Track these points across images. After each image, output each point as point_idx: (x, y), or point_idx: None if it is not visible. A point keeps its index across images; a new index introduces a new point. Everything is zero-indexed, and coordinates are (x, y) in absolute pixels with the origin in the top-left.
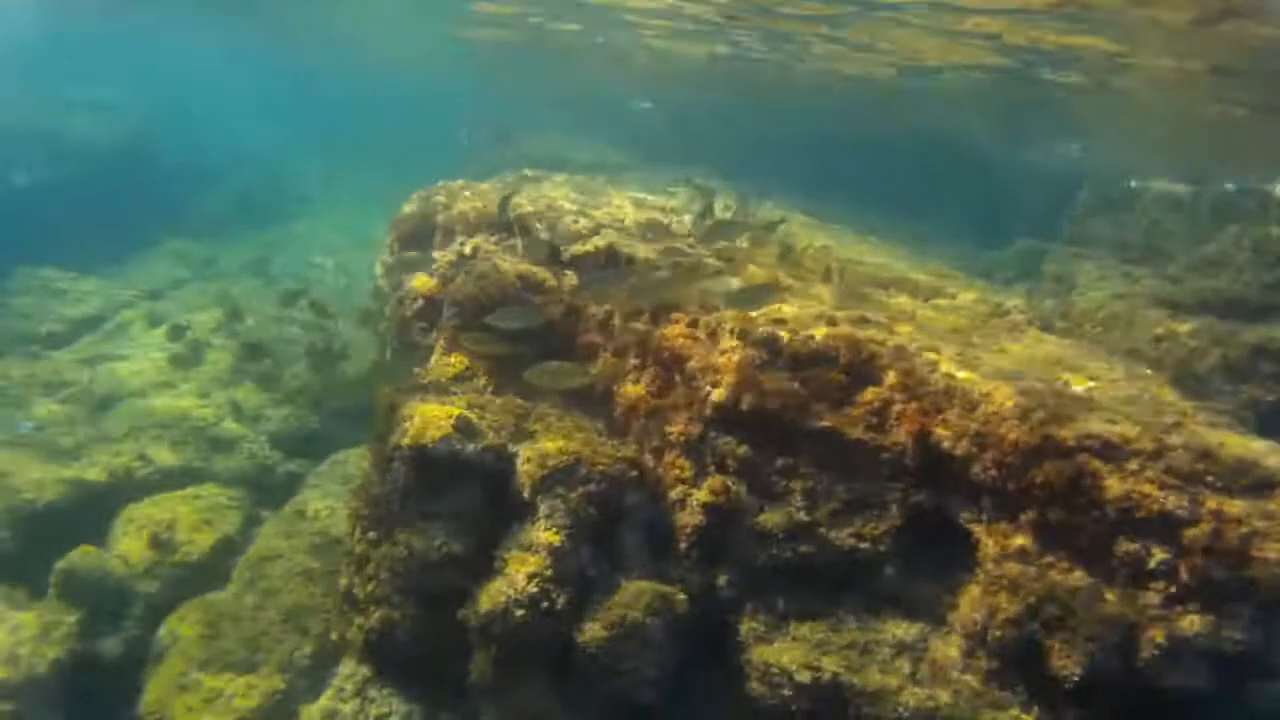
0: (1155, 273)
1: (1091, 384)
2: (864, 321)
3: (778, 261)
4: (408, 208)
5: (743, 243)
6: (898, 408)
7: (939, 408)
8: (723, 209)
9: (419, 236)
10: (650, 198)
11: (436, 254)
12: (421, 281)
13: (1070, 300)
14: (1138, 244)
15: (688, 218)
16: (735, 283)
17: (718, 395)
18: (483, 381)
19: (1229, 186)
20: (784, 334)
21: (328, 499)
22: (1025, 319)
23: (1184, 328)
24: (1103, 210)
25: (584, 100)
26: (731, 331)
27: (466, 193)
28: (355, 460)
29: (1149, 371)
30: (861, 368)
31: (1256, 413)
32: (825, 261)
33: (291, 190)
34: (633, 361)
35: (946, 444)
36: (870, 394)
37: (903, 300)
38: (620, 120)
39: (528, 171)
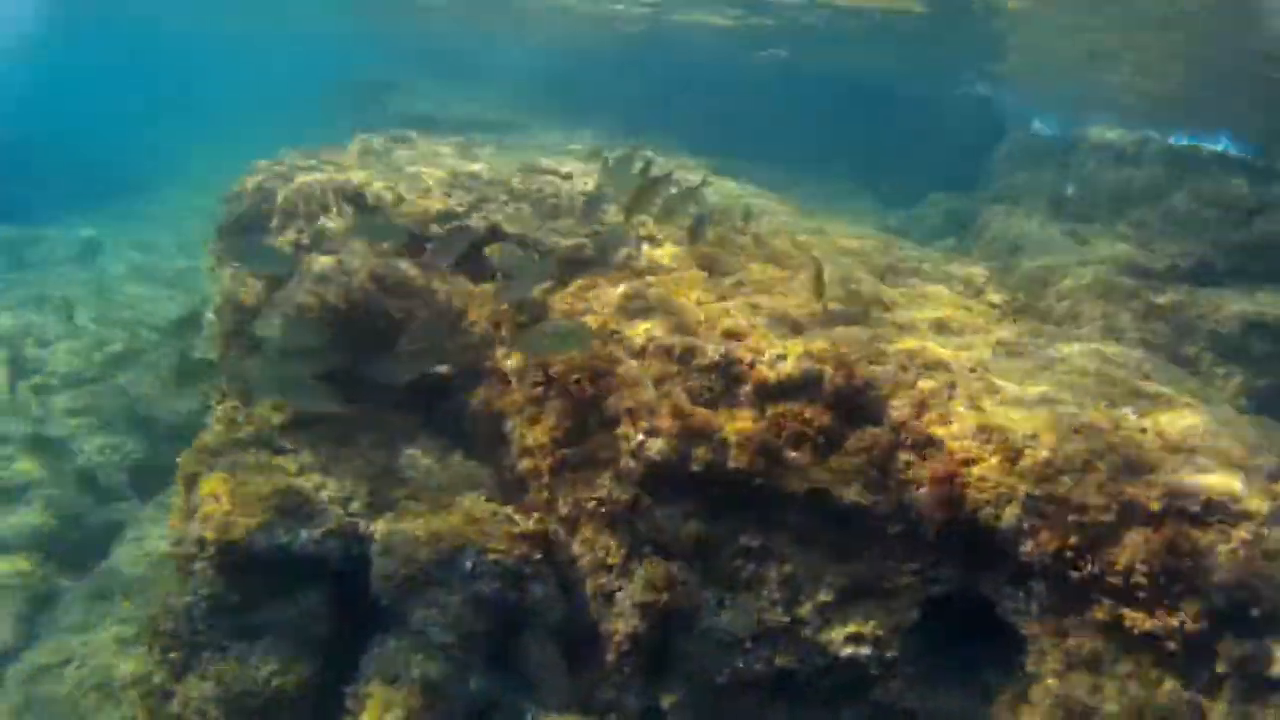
0: (1106, 232)
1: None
2: (846, 326)
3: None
4: (248, 181)
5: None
6: (907, 456)
7: (969, 456)
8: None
9: (260, 219)
10: (544, 161)
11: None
12: (238, 285)
13: (1019, 267)
14: (1074, 199)
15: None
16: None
17: (655, 448)
18: (325, 427)
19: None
20: (743, 353)
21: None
22: (1005, 303)
23: (1163, 300)
24: (1026, 161)
25: (460, 51)
26: (669, 352)
27: (313, 161)
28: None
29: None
30: (855, 398)
31: (1253, 398)
32: (776, 239)
33: (140, 163)
34: (531, 389)
35: (985, 510)
36: (870, 437)
37: (861, 281)
38: (500, 73)
39: (411, 132)
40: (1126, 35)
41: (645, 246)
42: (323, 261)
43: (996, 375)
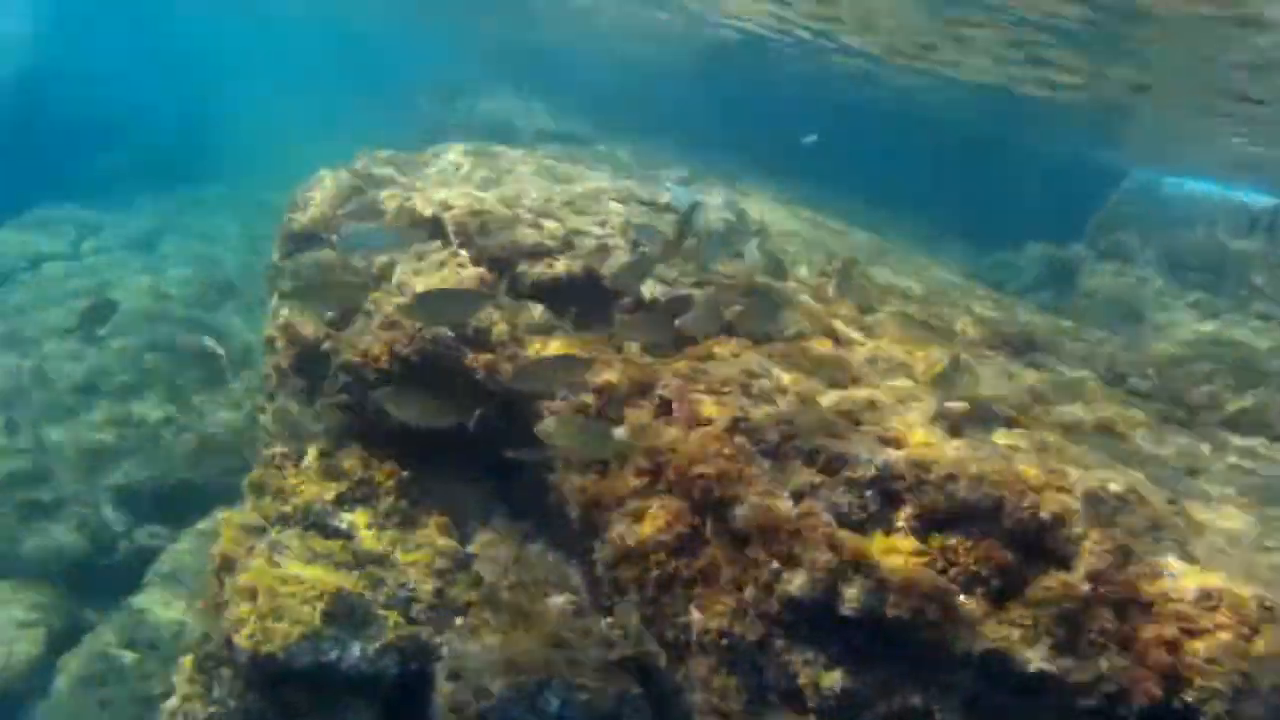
0: (1239, 307)
1: None
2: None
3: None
4: (315, 191)
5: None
6: (1105, 615)
7: (1190, 625)
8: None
9: (324, 235)
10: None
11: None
12: (293, 317)
13: (1149, 342)
14: (1197, 265)
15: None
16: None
17: (795, 585)
18: (389, 501)
19: None
20: (903, 467)
21: (174, 605)
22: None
23: None
24: (1134, 218)
25: (535, 57)
26: (812, 458)
27: (389, 169)
28: None
29: None
30: (1041, 534)
31: None
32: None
33: (214, 149)
34: (635, 477)
35: (1213, 704)
36: (1059, 586)
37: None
38: (574, 83)
39: (495, 146)
40: None
41: None
42: (394, 302)
43: (1198, 507)
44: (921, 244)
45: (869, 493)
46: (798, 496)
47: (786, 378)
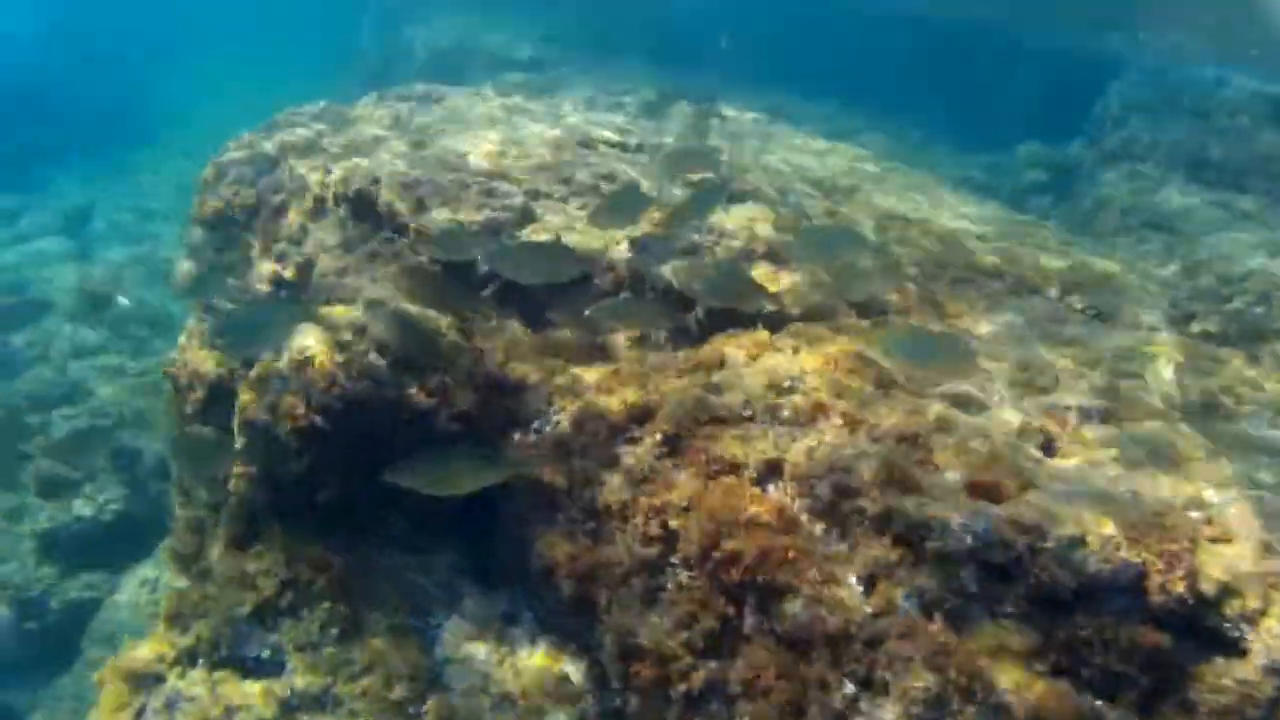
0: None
1: None
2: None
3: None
4: (225, 161)
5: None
6: None
7: None
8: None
9: (238, 223)
10: (597, 129)
11: (258, 258)
12: (199, 356)
13: (1200, 266)
14: (1219, 162)
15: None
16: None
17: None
18: (324, 607)
19: None
20: (1009, 532)
21: None
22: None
23: None
24: (1147, 110)
25: None
26: (882, 524)
27: (315, 131)
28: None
29: None
30: (1198, 613)
31: None
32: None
33: (150, 107)
34: (643, 545)
35: None
36: (1234, 681)
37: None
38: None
39: (441, 89)
40: None
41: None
42: (304, 345)
43: None
44: (909, 151)
45: (965, 572)
46: (869, 582)
47: (824, 391)
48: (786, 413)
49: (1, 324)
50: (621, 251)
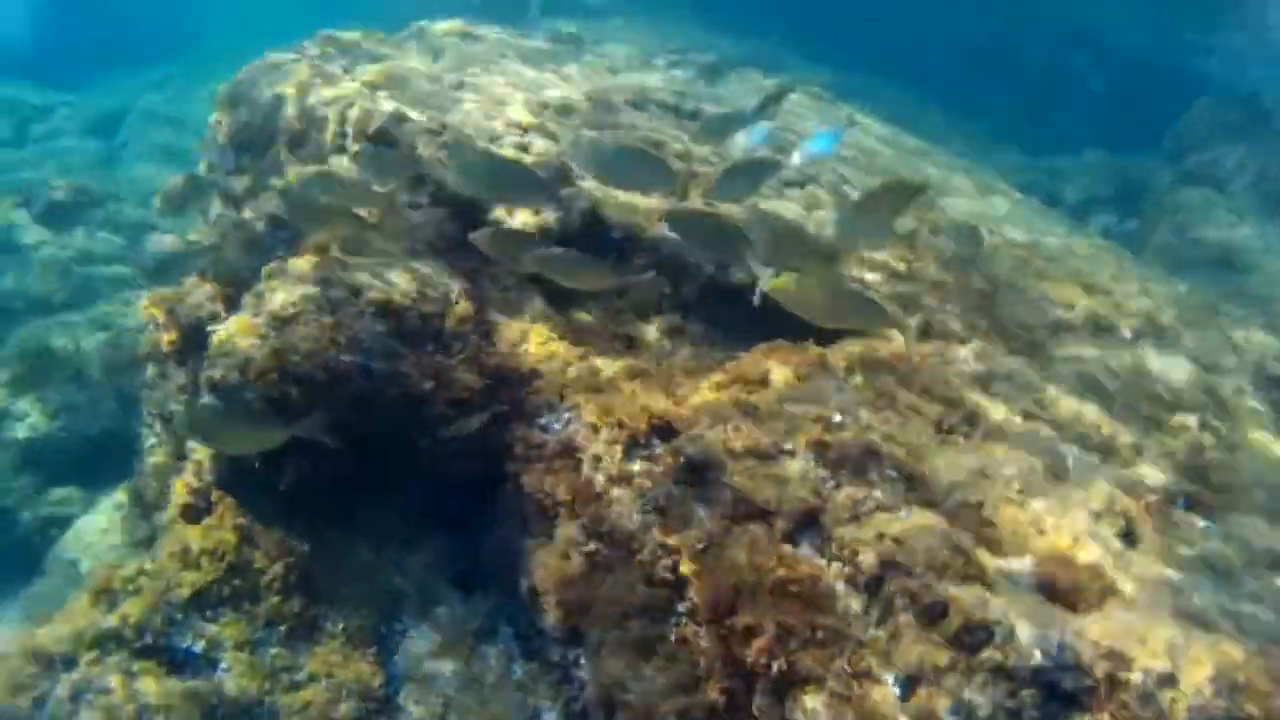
0: None
1: None
2: None
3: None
4: (249, 76)
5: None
6: None
7: None
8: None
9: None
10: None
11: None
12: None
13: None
14: None
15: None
16: None
17: None
18: (273, 601)
19: None
20: (1090, 658)
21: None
22: None
23: None
24: (1231, 130)
25: None
26: (934, 614)
27: (346, 59)
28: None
29: None
30: None
31: None
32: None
33: (193, 17)
34: (644, 585)
35: None
36: None
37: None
38: None
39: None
40: None
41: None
42: (287, 299)
43: None
44: (967, 147)
45: (1026, 693)
46: (908, 684)
47: (878, 432)
48: (833, 454)
49: None
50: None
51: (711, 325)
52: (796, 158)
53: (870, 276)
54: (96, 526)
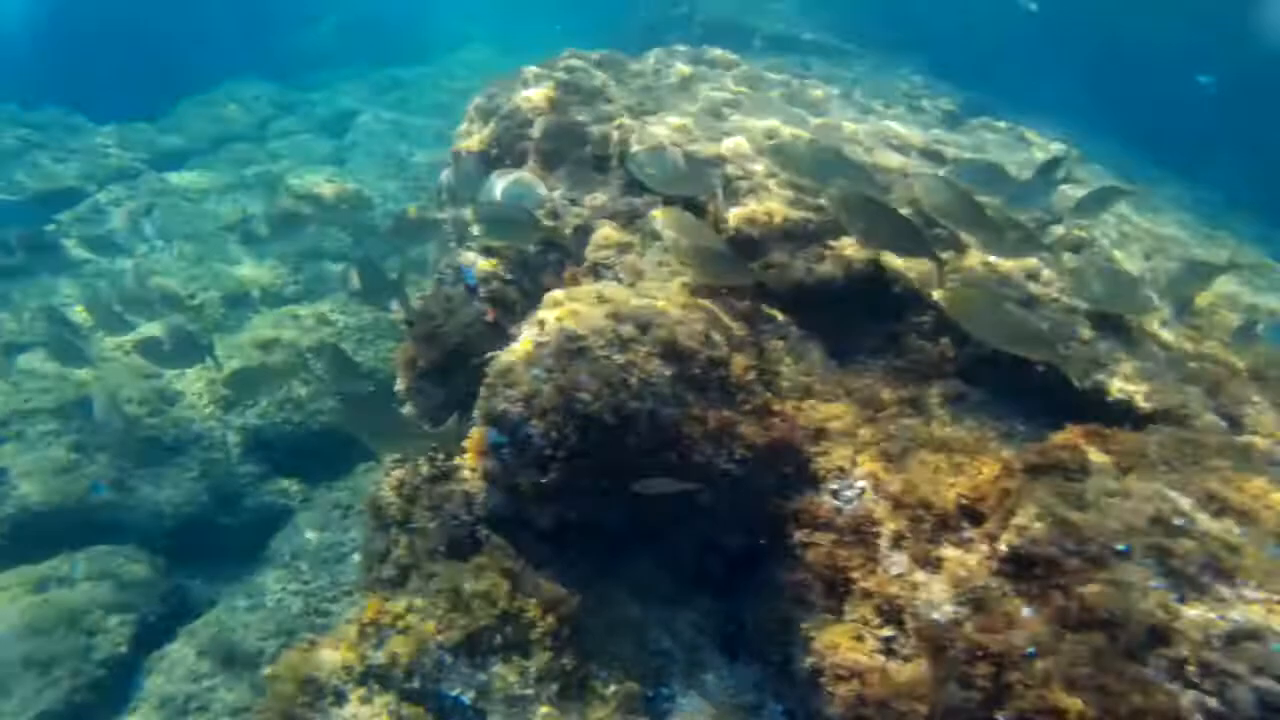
0: None
1: None
2: None
3: None
4: (499, 90)
5: None
6: None
7: None
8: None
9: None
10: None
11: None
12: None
13: None
14: None
15: None
16: None
17: None
18: (544, 656)
19: None
20: None
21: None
22: None
23: None
24: None
25: None
26: None
27: (599, 80)
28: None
29: None
30: None
31: None
32: None
33: (426, 26)
34: (961, 688)
35: None
36: None
37: None
38: None
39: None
40: None
41: None
42: (568, 328)
43: None
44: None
45: None
46: None
47: (1219, 535)
48: (1177, 562)
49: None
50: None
51: (994, 396)
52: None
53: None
54: (314, 524)
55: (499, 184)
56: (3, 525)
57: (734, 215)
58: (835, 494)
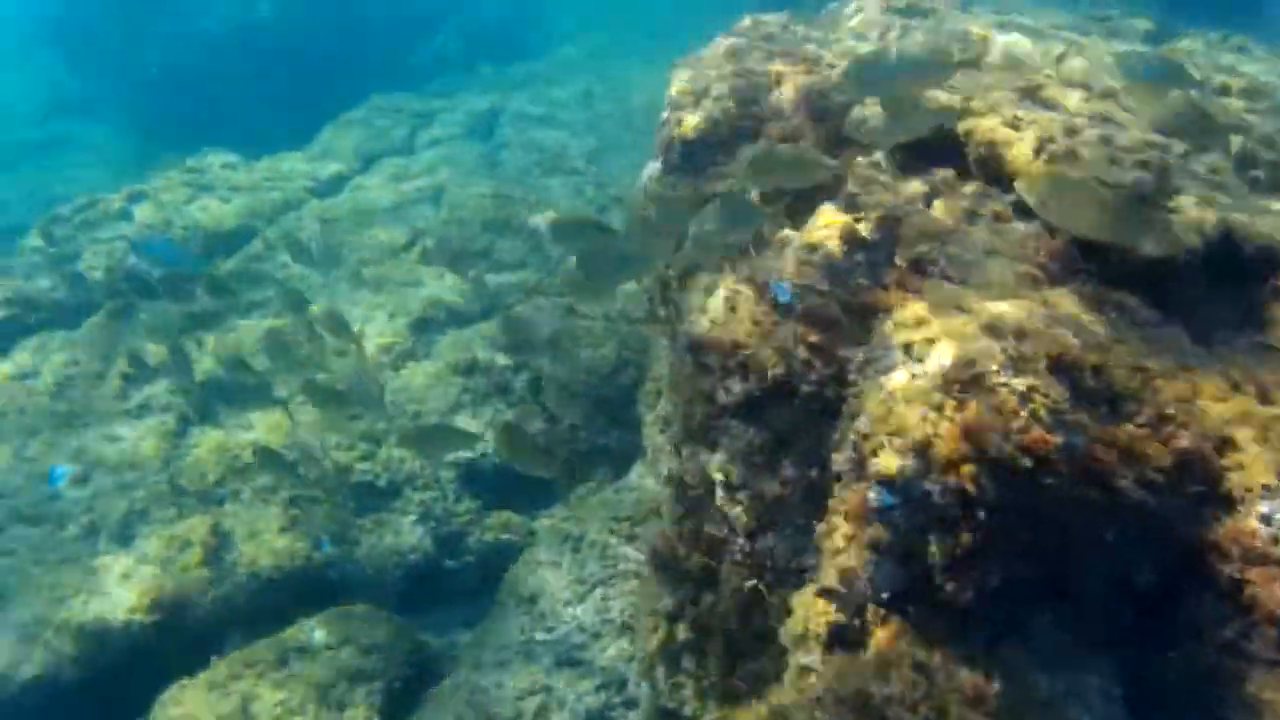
0: None
1: None
2: None
3: None
4: (719, 54)
5: None
6: None
7: None
8: None
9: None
10: None
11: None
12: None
13: None
14: None
15: None
16: None
17: None
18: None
19: None
20: None
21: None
22: None
23: None
24: None
25: None
26: None
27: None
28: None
29: None
30: None
31: None
32: None
33: (543, 23)
34: None
35: None
36: None
37: None
38: None
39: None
40: None
41: None
42: (948, 360)
43: None
44: None
45: None
46: None
47: None
48: None
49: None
50: None
51: None
52: None
53: None
54: (546, 560)
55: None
56: (237, 595)
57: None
58: (1266, 518)
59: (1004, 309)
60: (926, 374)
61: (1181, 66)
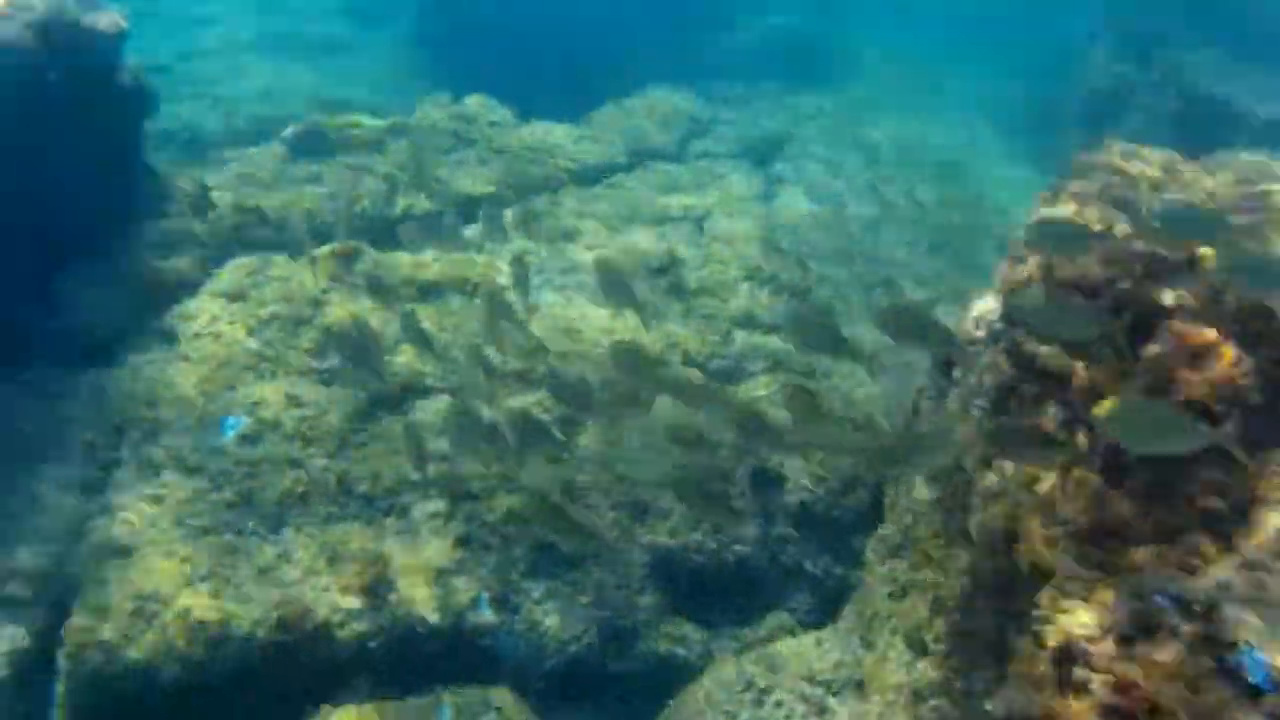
0: None
1: None
2: None
3: None
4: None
5: None
6: None
7: None
8: None
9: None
10: None
11: None
12: None
13: None
14: None
15: None
16: None
17: None
18: None
19: None
20: None
21: None
22: None
23: None
24: None
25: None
26: None
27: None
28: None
29: None
30: None
31: None
32: None
33: (833, 48)
34: None
35: None
36: None
37: None
38: None
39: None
40: None
41: None
42: None
43: None
44: None
45: None
46: None
47: None
48: None
49: None
50: None
51: None
52: None
53: None
54: (716, 699)
55: None
56: (382, 637)
57: None
58: None
59: None
60: None
61: None
